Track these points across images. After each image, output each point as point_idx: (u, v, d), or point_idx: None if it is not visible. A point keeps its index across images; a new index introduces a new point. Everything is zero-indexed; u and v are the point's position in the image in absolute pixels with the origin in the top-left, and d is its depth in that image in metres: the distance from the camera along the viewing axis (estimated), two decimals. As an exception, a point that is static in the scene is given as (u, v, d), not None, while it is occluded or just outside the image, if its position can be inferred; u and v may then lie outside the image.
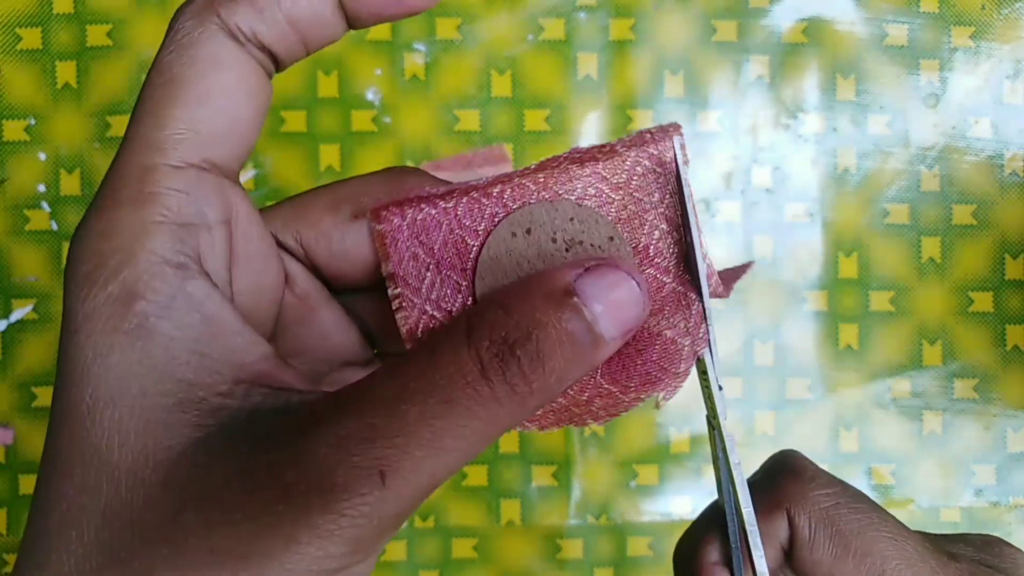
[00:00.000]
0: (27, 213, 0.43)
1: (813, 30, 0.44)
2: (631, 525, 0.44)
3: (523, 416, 0.17)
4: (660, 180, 0.21)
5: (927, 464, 0.45)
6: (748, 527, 0.21)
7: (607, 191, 0.21)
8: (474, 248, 0.21)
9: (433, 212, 0.21)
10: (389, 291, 0.21)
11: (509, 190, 0.21)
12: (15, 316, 0.43)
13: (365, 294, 0.23)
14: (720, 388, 0.21)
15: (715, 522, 0.24)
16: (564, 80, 0.44)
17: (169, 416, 0.17)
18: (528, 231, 0.21)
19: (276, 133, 0.44)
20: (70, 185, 0.43)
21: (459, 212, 0.21)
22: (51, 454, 0.17)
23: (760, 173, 0.45)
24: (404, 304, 0.21)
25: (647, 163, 0.21)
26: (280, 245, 0.21)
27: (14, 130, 0.43)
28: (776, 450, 0.27)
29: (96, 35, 0.43)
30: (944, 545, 0.23)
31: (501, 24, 0.44)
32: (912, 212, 0.45)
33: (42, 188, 0.43)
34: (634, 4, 0.44)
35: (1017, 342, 0.45)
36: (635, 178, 0.21)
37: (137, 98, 0.19)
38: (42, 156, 0.43)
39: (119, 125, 0.43)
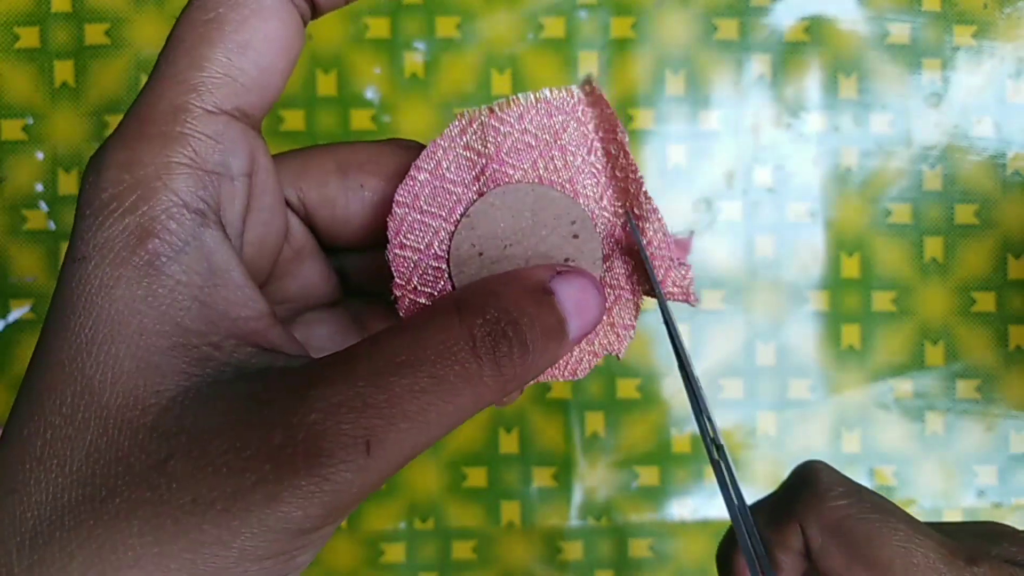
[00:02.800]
0: (25, 213, 0.43)
1: (815, 29, 0.44)
2: (632, 526, 0.44)
3: (495, 400, 0.18)
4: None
5: (929, 465, 0.44)
6: (744, 551, 0.21)
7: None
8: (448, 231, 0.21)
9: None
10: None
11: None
12: (13, 316, 0.43)
13: (355, 251, 0.23)
14: (721, 446, 0.21)
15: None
16: (565, 79, 0.44)
17: (162, 359, 0.17)
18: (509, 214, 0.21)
19: (275, 132, 0.43)
20: (68, 185, 0.43)
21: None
22: (38, 381, 0.17)
23: (762, 172, 0.44)
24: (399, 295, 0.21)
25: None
26: None
27: (12, 129, 0.43)
28: (777, 451, 0.27)
29: (94, 34, 0.43)
30: (967, 545, 0.22)
31: (501, 22, 0.44)
32: (914, 212, 0.45)
33: (40, 188, 0.43)
34: (635, 2, 0.44)
35: (1020, 342, 0.44)
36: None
37: (173, 28, 0.18)
38: (40, 155, 0.43)
39: (117, 124, 0.43)
